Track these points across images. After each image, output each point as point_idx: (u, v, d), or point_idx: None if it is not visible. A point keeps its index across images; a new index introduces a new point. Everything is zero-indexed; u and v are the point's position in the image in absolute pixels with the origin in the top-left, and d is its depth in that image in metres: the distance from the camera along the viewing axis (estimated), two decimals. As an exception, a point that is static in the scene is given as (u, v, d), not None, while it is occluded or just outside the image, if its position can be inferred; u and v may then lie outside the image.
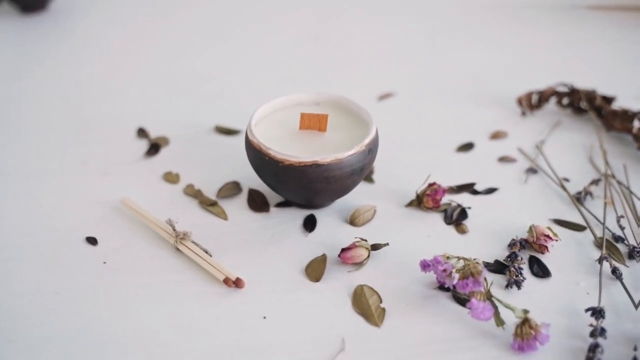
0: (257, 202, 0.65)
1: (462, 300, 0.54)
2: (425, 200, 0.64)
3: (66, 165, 0.71)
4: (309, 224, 0.62)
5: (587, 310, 0.53)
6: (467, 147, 0.75)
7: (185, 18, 1.07)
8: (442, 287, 0.56)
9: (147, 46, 0.98)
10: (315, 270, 0.57)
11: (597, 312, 0.52)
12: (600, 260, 0.58)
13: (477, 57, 0.96)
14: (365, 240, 0.59)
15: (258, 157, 0.59)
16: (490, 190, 0.68)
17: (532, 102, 0.81)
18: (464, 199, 0.66)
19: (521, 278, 0.56)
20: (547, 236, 0.59)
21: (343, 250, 0.58)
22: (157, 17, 1.07)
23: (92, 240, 0.60)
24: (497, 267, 0.58)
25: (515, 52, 0.98)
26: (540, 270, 0.58)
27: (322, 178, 0.57)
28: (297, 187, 0.58)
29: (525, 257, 0.59)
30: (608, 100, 0.79)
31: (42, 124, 0.79)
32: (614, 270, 0.57)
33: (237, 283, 0.55)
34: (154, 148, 0.73)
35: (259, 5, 1.11)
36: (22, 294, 0.55)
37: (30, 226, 0.62)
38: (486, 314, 0.51)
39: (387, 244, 0.59)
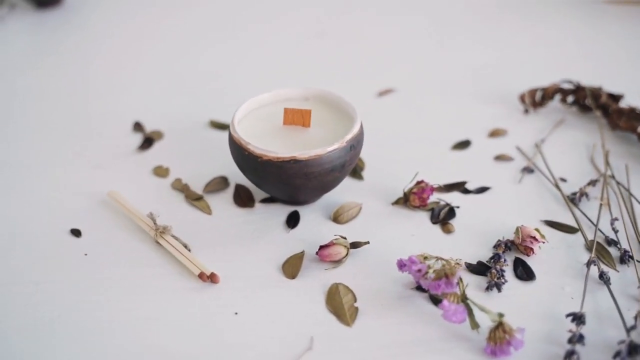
0: (243, 198, 0.65)
1: (438, 302, 0.53)
2: (412, 198, 0.63)
3: (60, 158, 0.72)
4: (292, 221, 0.62)
5: (567, 315, 0.51)
6: (464, 144, 0.73)
7: (192, 15, 1.07)
8: (419, 288, 0.54)
9: (154, 42, 0.99)
10: (291, 267, 0.56)
11: (578, 318, 0.50)
12: (588, 264, 0.55)
13: (481, 54, 0.93)
14: (345, 238, 0.58)
15: (239, 152, 0.59)
16: (482, 190, 0.66)
17: (536, 100, 0.78)
18: (454, 198, 0.65)
19: (502, 280, 0.54)
20: (534, 238, 0.57)
21: (321, 247, 0.57)
22: (166, 14, 1.07)
23: (76, 232, 0.61)
24: (480, 269, 0.56)
25: (521, 48, 0.95)
26: (525, 273, 0.56)
27: (301, 174, 0.57)
28: (277, 182, 0.58)
29: (511, 259, 0.57)
30: (615, 98, 0.75)
31: (45, 117, 0.80)
32: (602, 275, 0.54)
33: (212, 278, 0.55)
34: (148, 142, 0.74)
35: (262, 3, 1.11)
36: (1, 283, 0.56)
37: (17, 217, 0.63)
38: (458, 317, 0.49)
39: (368, 243, 0.58)
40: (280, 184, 0.58)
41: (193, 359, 0.49)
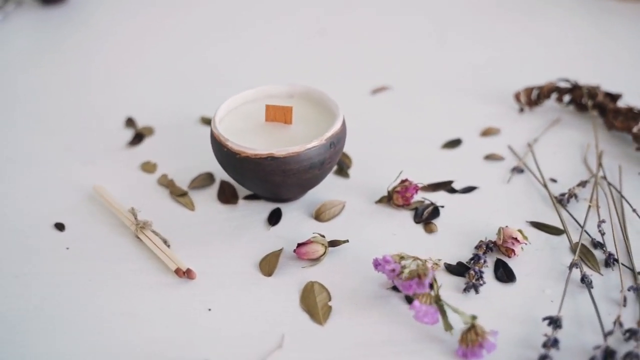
0: (227, 194, 0.65)
1: (413, 302, 0.52)
2: (395, 197, 0.62)
3: (52, 152, 0.72)
4: (274, 218, 0.61)
5: (544, 319, 0.50)
6: (454, 143, 0.72)
7: (193, 13, 1.07)
8: (396, 288, 0.54)
9: (155, 40, 0.99)
10: (268, 264, 0.56)
11: (554, 322, 0.49)
12: (570, 267, 0.54)
13: (478, 52, 0.92)
14: (323, 236, 0.57)
15: (219, 149, 0.58)
16: (469, 189, 0.65)
17: (532, 98, 0.77)
18: (439, 197, 0.64)
19: (480, 282, 0.53)
20: (515, 239, 0.56)
21: (299, 245, 0.56)
22: (167, 12, 1.08)
23: (59, 226, 0.61)
24: (459, 270, 0.55)
25: (520, 46, 0.93)
26: (505, 275, 0.55)
27: (279, 171, 0.56)
28: (255, 179, 0.58)
29: (492, 261, 0.56)
30: (614, 97, 0.74)
31: (43, 113, 0.81)
32: (583, 278, 0.53)
33: (188, 274, 0.55)
34: (138, 137, 0.74)
35: (262, 2, 1.10)
36: (-19, 275, 0.56)
37: (3, 209, 0.64)
38: (429, 318, 0.48)
39: (347, 241, 0.58)
40: (259, 180, 0.58)
41: (163, 355, 0.49)
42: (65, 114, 0.80)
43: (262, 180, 0.57)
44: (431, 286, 0.50)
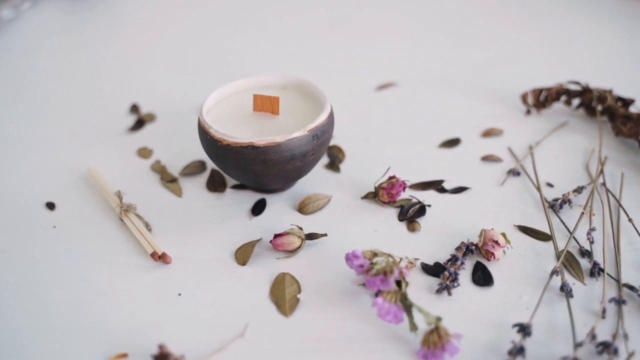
0: (216, 183, 0.65)
1: (382, 300, 0.51)
2: (381, 193, 0.61)
3: (56, 134, 0.74)
4: (257, 208, 0.61)
5: (514, 325, 0.48)
6: (452, 142, 0.70)
7: (209, 5, 1.08)
8: (367, 284, 0.53)
9: (171, 30, 1.01)
10: (243, 253, 0.56)
11: (523, 329, 0.47)
12: (551, 274, 0.52)
13: (488, 51, 0.89)
14: (301, 229, 0.57)
15: (203, 137, 0.59)
16: (459, 190, 0.63)
17: (540, 100, 0.74)
18: (428, 196, 0.62)
19: (454, 284, 0.52)
20: (496, 242, 0.54)
21: (275, 236, 0.56)
22: (186, 2, 1.10)
23: (50, 206, 0.63)
24: (435, 270, 0.54)
25: (532, 47, 0.90)
26: (483, 278, 0.53)
27: (259, 161, 0.56)
28: (237, 168, 0.58)
29: (472, 263, 0.55)
30: (626, 102, 0.70)
31: (53, 96, 0.83)
32: (562, 286, 0.51)
33: (163, 258, 0.55)
34: (139, 124, 0.75)
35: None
36: (-30, 249, 0.58)
37: (1, 188, 0.66)
38: (392, 316, 0.47)
39: (325, 235, 0.57)
40: (239, 169, 0.58)
41: (130, 335, 0.50)
42: (74, 98, 0.82)
43: (243, 169, 0.57)
44: (399, 285, 0.49)
